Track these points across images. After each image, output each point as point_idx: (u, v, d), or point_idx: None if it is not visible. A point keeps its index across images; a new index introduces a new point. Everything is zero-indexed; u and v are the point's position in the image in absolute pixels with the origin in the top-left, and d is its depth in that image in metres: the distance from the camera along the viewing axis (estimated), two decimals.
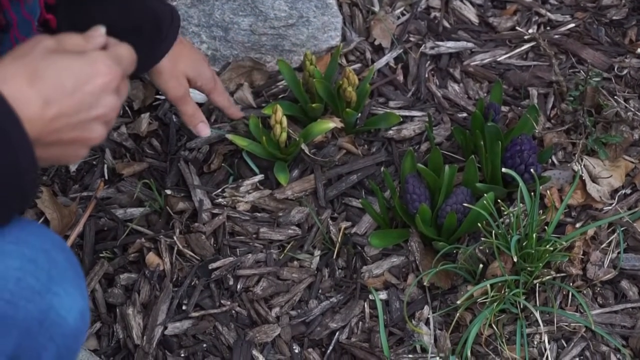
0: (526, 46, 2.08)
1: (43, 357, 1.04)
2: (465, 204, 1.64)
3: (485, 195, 1.63)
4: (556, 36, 2.09)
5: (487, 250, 1.66)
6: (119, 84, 1.03)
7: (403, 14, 2.15)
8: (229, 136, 1.82)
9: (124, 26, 1.41)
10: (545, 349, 1.60)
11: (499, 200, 1.67)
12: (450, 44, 2.08)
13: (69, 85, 0.97)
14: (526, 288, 1.62)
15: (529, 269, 1.60)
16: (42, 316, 1.02)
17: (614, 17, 2.13)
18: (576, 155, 1.82)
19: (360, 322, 1.66)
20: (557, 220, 1.66)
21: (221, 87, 1.76)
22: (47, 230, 1.11)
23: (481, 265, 1.61)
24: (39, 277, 1.03)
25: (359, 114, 1.90)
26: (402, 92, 2.00)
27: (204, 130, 1.70)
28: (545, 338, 1.61)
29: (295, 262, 1.73)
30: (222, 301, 1.68)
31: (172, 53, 1.58)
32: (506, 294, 1.58)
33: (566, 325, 1.62)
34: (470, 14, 2.15)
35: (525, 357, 1.55)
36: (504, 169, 1.68)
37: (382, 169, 1.84)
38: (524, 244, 1.60)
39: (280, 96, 1.98)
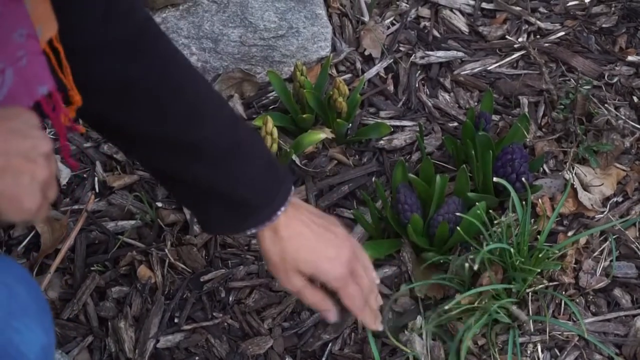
0: (516, 55, 2.08)
1: None
2: (457, 214, 1.63)
3: (477, 204, 1.63)
4: (546, 44, 2.09)
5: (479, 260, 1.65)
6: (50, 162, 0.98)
7: (393, 24, 2.15)
8: None
9: (211, 187, 1.30)
10: (539, 358, 1.60)
11: (489, 210, 1.67)
12: (441, 53, 2.08)
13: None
14: (518, 297, 1.62)
15: (521, 278, 1.59)
16: (0, 352, 1.00)
17: (604, 25, 2.14)
18: (567, 164, 1.82)
19: (353, 333, 1.65)
20: (549, 229, 1.66)
21: (354, 291, 1.41)
22: (12, 263, 1.08)
23: (473, 275, 1.61)
24: None
25: (350, 125, 1.90)
26: (392, 102, 2.00)
27: (330, 317, 1.42)
28: (539, 347, 1.61)
29: None
30: (214, 313, 1.67)
31: (275, 237, 1.34)
32: (497, 303, 1.57)
33: (559, 334, 1.62)
34: (460, 23, 2.16)
35: None
36: (495, 178, 1.67)
37: (373, 179, 1.84)
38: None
39: (270, 107, 1.98)
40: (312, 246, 1.37)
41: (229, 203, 1.31)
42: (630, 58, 2.06)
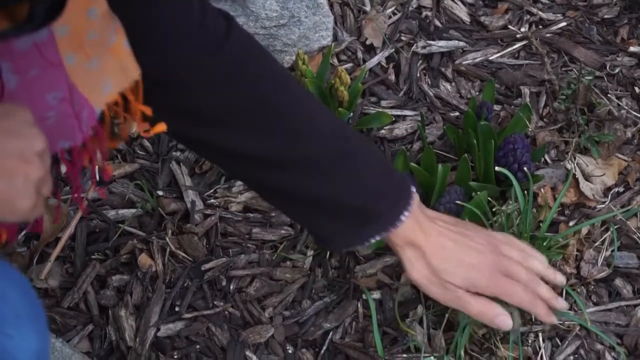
0: (518, 45, 2.08)
1: None
2: (458, 202, 1.63)
3: (478, 193, 1.62)
4: (548, 35, 2.09)
5: None
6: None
7: (394, 13, 2.14)
8: None
9: (323, 201, 1.29)
10: (540, 348, 1.60)
11: (489, 199, 1.66)
12: (442, 43, 2.08)
13: None
14: None
15: None
16: None
17: (606, 16, 2.13)
18: (569, 154, 1.82)
19: (354, 322, 1.65)
20: (550, 218, 1.66)
21: (513, 290, 1.38)
22: (5, 266, 1.07)
23: None
24: None
25: (351, 114, 1.90)
26: (394, 91, 1.99)
27: (503, 323, 1.40)
28: (540, 337, 1.61)
29: (288, 263, 1.73)
30: (215, 302, 1.67)
31: (418, 253, 1.33)
32: None
33: (560, 324, 1.62)
34: (462, 13, 2.15)
35: (519, 355, 1.54)
36: (497, 168, 1.67)
37: None
38: None
39: None
40: (456, 257, 1.35)
41: (344, 215, 1.30)
42: (632, 49, 2.06)
